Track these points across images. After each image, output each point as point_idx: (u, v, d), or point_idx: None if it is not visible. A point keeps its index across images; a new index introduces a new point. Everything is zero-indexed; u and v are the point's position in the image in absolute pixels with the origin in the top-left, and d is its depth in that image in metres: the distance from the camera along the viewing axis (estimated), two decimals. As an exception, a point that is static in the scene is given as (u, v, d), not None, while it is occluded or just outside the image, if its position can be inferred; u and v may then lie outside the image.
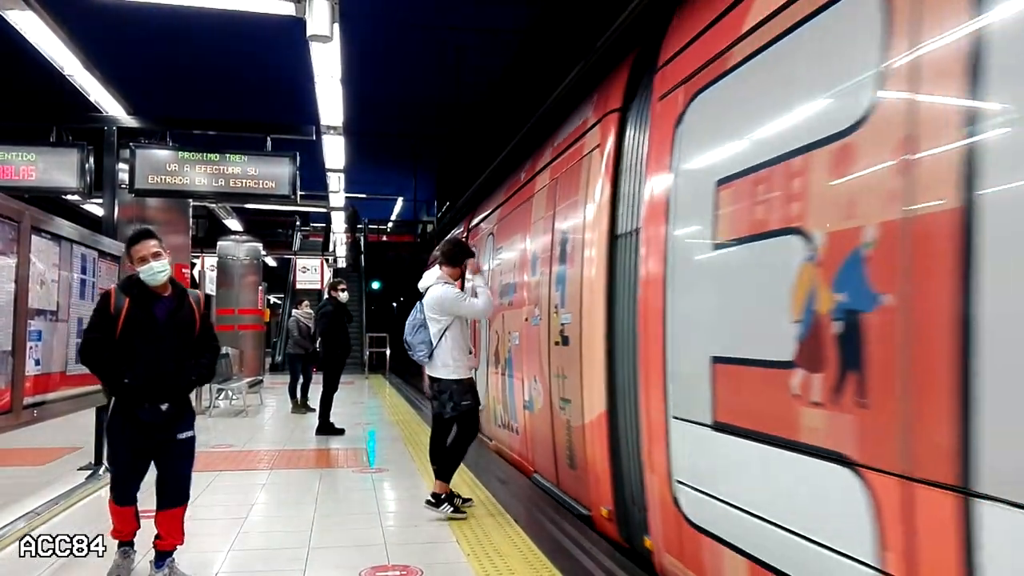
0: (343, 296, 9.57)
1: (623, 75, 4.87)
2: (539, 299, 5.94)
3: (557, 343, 5.40)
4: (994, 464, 1.79)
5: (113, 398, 3.72)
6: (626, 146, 4.60)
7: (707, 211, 3.28)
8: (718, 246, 3.21)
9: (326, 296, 10.29)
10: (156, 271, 3.67)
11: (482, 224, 9.26)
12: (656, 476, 3.76)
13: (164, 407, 3.71)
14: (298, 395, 11.51)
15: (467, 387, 5.06)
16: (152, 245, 3.69)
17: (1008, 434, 1.78)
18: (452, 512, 4.85)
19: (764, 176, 2.86)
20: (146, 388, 3.65)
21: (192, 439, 3.88)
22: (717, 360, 3.16)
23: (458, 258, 5.25)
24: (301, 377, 11.62)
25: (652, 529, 3.88)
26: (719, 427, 3.13)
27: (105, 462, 3.60)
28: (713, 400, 3.18)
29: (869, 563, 2.23)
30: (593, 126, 5.14)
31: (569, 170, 5.50)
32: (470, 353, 5.17)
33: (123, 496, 3.72)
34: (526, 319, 6.39)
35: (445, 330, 5.03)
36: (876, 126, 2.29)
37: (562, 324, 5.28)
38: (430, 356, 5.07)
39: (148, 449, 3.70)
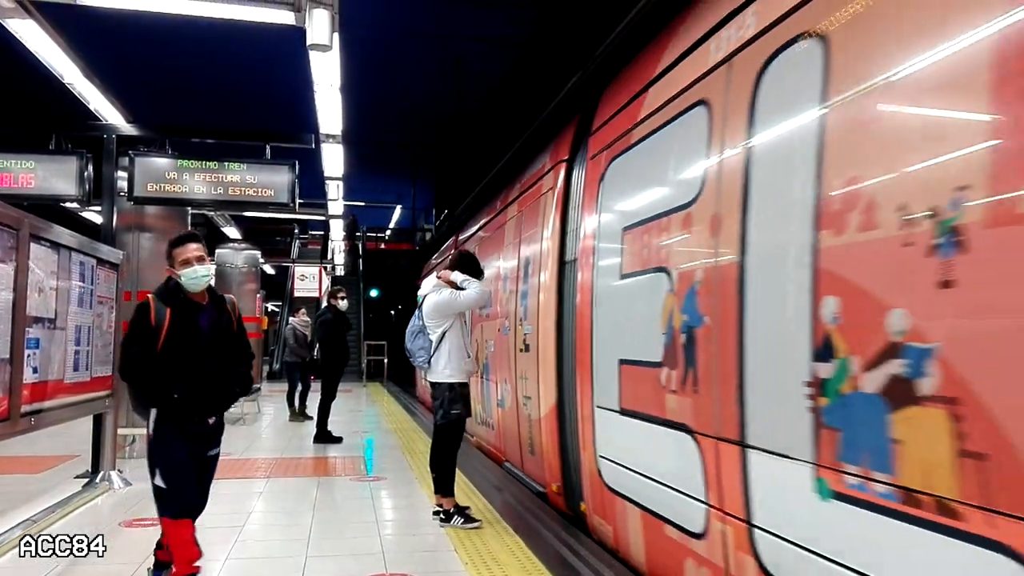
0: (342, 304, 9.55)
1: (571, 132, 5.82)
2: (508, 312, 6.88)
3: (521, 350, 6.28)
4: (756, 427, 2.86)
5: (155, 411, 3.54)
6: (572, 191, 5.53)
7: (617, 249, 4.35)
8: (623, 276, 4.27)
9: (325, 304, 10.28)
10: (200, 275, 3.57)
11: (467, 243, 10.16)
12: (586, 454, 4.78)
13: (211, 421, 3.64)
14: (296, 403, 11.49)
15: (459, 395, 5.05)
16: (196, 248, 3.59)
17: (760, 409, 2.83)
18: (464, 523, 4.84)
19: (647, 228, 3.93)
20: (195, 402, 3.55)
21: (218, 455, 3.81)
22: (623, 362, 4.19)
23: (461, 267, 5.26)
24: (300, 385, 11.60)
25: (585, 496, 4.90)
26: (623, 412, 4.16)
27: (157, 481, 3.49)
28: (620, 392, 4.21)
29: (699, 498, 3.27)
30: (548, 171, 6.12)
31: (531, 205, 6.55)
32: (469, 357, 5.16)
33: (182, 508, 3.52)
34: (499, 330, 7.32)
35: (444, 335, 5.06)
36: (703, 201, 3.33)
37: (525, 334, 6.19)
38: (429, 362, 5.09)
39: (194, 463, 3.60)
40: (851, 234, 2.32)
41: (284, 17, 4.75)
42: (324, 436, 8.88)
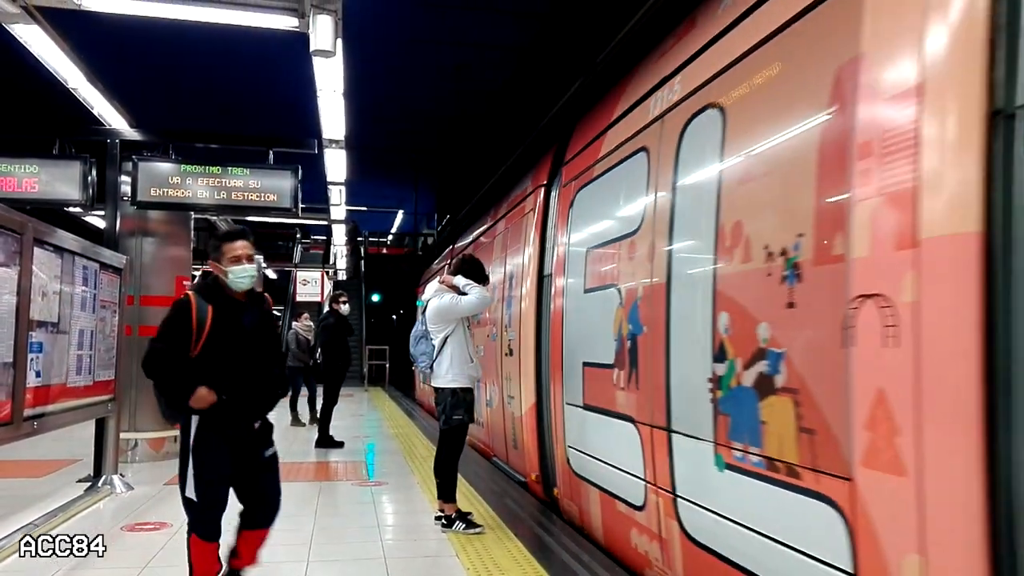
0: (344, 309, 9.55)
1: (549, 159, 6.44)
2: (496, 320, 7.48)
3: (507, 354, 6.87)
4: (677, 416, 3.51)
5: (196, 417, 3.30)
6: (549, 213, 6.16)
7: (582, 267, 5.04)
8: (586, 290, 4.94)
9: (327, 309, 10.28)
10: (249, 273, 3.42)
11: (462, 253, 10.66)
12: (558, 445, 5.44)
13: (257, 425, 3.48)
14: (298, 409, 11.46)
15: (462, 400, 5.03)
16: (246, 245, 3.42)
17: (679, 402, 3.49)
18: (466, 529, 4.84)
19: (604, 251, 4.65)
20: (242, 406, 3.36)
21: (277, 455, 3.66)
22: (586, 364, 4.85)
23: (464, 271, 5.27)
24: (306, 390, 11.56)
25: (557, 482, 5.57)
26: (586, 407, 4.83)
27: (189, 493, 3.30)
28: (583, 390, 4.87)
29: (640, 476, 3.91)
30: (530, 193, 6.76)
31: (516, 223, 7.22)
32: (472, 362, 5.15)
33: (212, 529, 3.37)
34: (488, 336, 7.90)
35: (446, 340, 5.05)
36: (643, 231, 4.00)
37: (509, 340, 6.81)
38: (432, 367, 5.09)
39: (235, 474, 3.40)
40: (736, 264, 3.00)
41: (288, 23, 4.77)
42: (326, 441, 8.87)
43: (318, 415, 11.12)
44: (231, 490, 3.46)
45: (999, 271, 1.89)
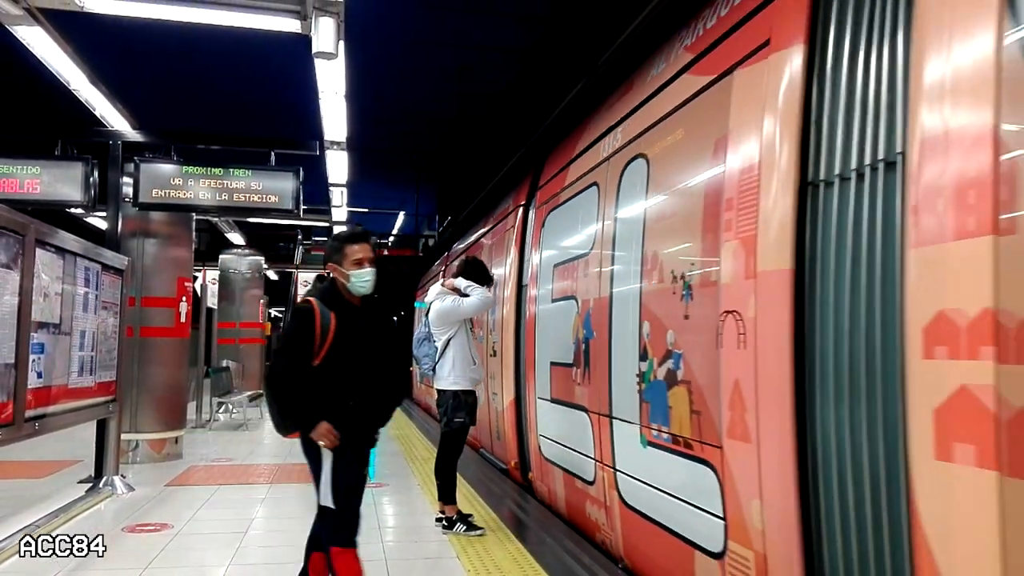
0: None
1: (528, 181, 7.16)
2: (482, 323, 8.02)
3: (491, 354, 7.55)
4: (616, 405, 4.20)
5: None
6: (527, 230, 6.82)
7: (550, 280, 5.74)
8: (553, 300, 5.63)
9: None
10: (368, 279, 3.28)
11: (454, 264, 11.42)
12: (532, 434, 6.09)
13: (377, 436, 3.36)
14: None
15: (463, 403, 5.04)
16: (367, 249, 3.30)
17: (617, 394, 4.17)
18: (466, 531, 4.85)
19: (567, 267, 5.32)
20: (368, 414, 3.28)
21: (367, 475, 3.47)
22: (552, 363, 5.50)
23: (466, 273, 5.30)
24: None
25: (532, 467, 6.22)
26: (553, 400, 5.48)
27: (325, 501, 3.20)
28: (551, 385, 5.53)
29: (591, 455, 4.61)
30: (512, 211, 7.49)
31: (501, 236, 7.96)
32: (475, 364, 5.18)
33: (353, 535, 3.25)
34: (476, 338, 8.40)
35: (448, 342, 5.07)
36: (593, 253, 4.75)
37: (494, 342, 7.47)
38: (434, 369, 5.10)
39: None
40: (654, 284, 3.73)
41: (290, 25, 4.78)
42: None
43: None
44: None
45: (805, 296, 2.58)
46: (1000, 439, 1.81)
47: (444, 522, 4.96)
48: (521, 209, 7.08)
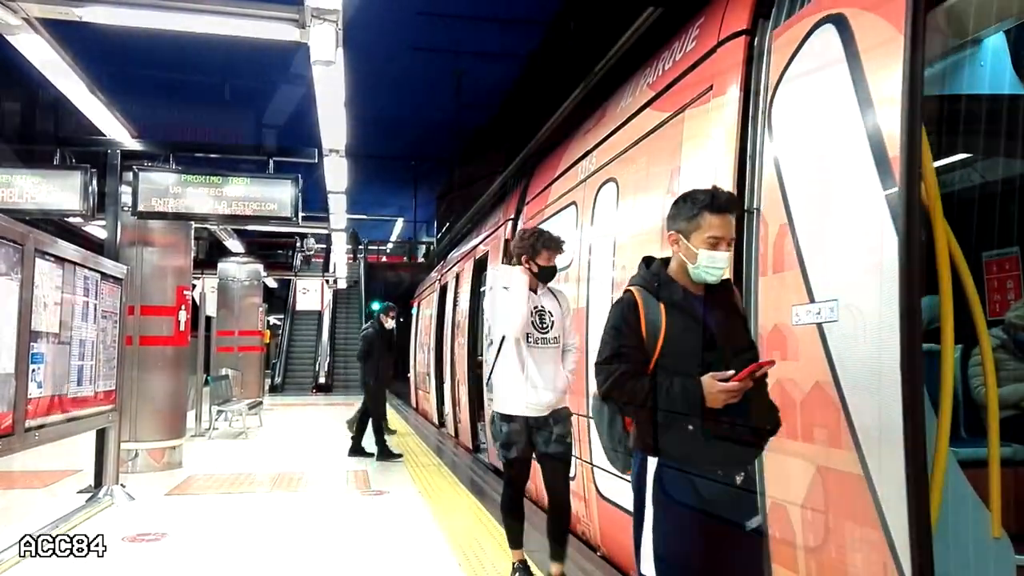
0: (390, 323, 9.25)
1: (516, 196, 7.61)
2: (463, 329, 8.83)
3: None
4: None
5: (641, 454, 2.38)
6: None
7: None
8: None
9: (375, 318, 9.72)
10: (724, 264, 2.38)
11: (447, 273, 12.13)
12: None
13: (740, 476, 2.35)
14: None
15: (499, 431, 3.87)
16: (729, 224, 2.34)
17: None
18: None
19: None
20: (715, 442, 2.31)
21: (762, 530, 2.65)
22: None
23: (518, 250, 4.00)
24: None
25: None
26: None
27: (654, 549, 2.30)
28: None
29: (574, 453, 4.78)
30: (502, 224, 7.91)
31: (493, 246, 8.34)
32: (527, 381, 3.81)
33: None
34: (460, 344, 9.47)
35: (500, 349, 3.92)
36: (573, 267, 5.13)
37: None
38: (488, 381, 4.19)
39: (711, 550, 2.31)
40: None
41: (289, 33, 4.79)
42: (358, 450, 9.00)
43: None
44: None
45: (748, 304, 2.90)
46: None
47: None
48: (510, 223, 7.51)
